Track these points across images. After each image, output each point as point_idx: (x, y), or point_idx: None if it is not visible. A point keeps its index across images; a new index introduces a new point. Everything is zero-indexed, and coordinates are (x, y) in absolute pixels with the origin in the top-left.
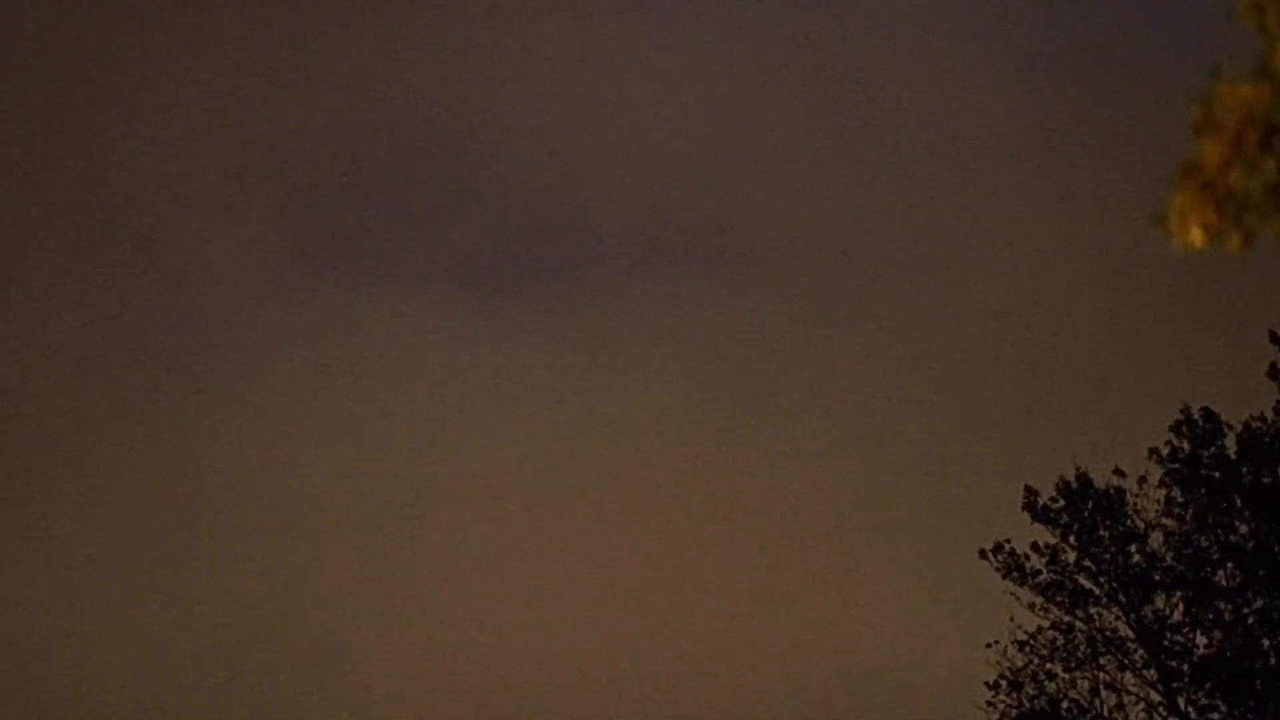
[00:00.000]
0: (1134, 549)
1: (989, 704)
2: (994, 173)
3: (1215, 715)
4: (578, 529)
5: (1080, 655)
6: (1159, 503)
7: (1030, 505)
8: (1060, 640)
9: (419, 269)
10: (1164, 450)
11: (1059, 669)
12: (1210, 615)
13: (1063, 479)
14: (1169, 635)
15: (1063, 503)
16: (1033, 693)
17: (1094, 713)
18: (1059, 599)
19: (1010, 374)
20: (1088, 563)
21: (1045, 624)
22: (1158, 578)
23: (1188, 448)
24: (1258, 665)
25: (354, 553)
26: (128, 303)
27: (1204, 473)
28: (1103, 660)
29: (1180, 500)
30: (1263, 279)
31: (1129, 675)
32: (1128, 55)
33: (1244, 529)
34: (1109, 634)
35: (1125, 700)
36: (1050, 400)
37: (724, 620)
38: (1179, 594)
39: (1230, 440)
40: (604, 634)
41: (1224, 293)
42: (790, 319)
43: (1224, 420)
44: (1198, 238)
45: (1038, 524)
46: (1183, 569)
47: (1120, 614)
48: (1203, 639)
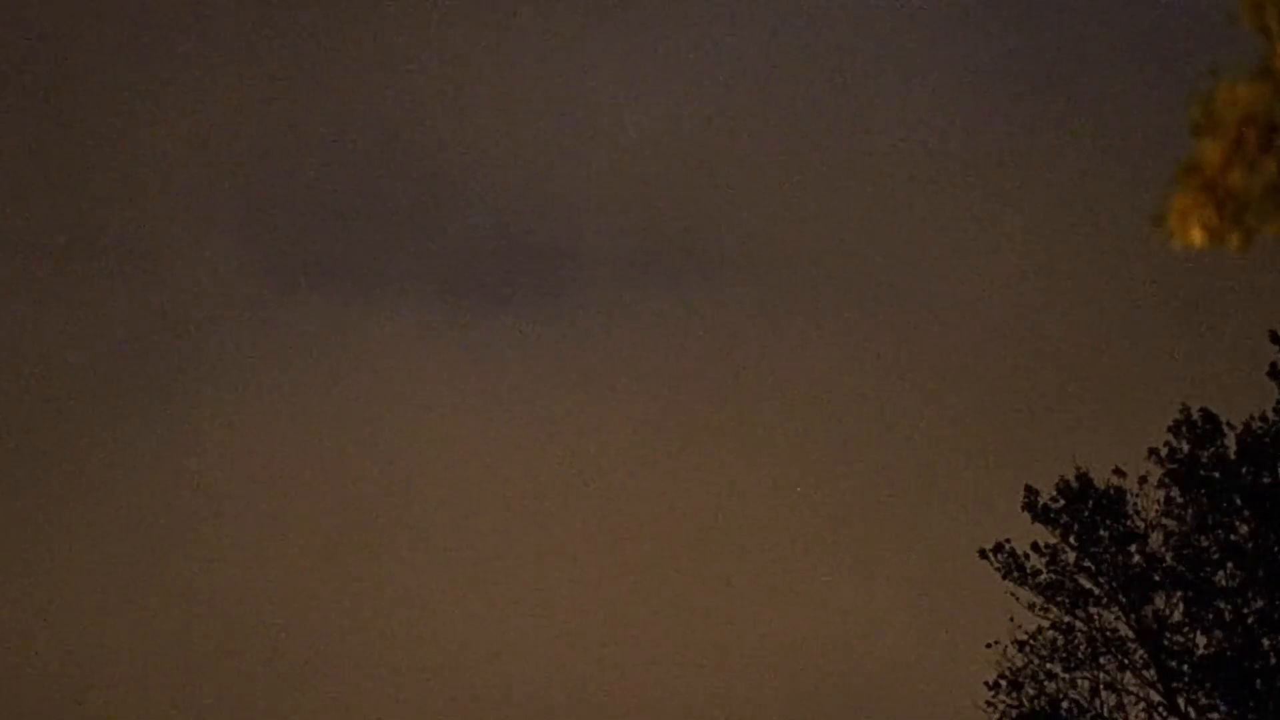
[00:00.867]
0: (1134, 549)
1: (989, 704)
2: (993, 173)
3: (1215, 715)
4: (570, 534)
5: (1080, 655)
6: (1159, 503)
7: (1030, 505)
8: (1060, 640)
9: (400, 282)
10: (1164, 450)
11: (1059, 669)
12: (1210, 615)
13: (1063, 479)
14: (1169, 635)
15: (1063, 503)
16: (1033, 693)
17: (1094, 713)
18: (1059, 599)
19: (1010, 374)
20: (1088, 563)
21: (1045, 624)
22: (1158, 578)
23: (1187, 448)
24: (1258, 665)
25: (341, 560)
26: (110, 318)
27: (1204, 473)
28: (1103, 660)
29: (1180, 500)
30: (1263, 279)
31: (1129, 675)
32: (1127, 55)
33: (1244, 529)
34: (1109, 634)
35: (1125, 700)
36: (1050, 400)
37: (723, 621)
38: (1179, 594)
39: (1230, 440)
40: (600, 637)
41: (1224, 293)
42: (784, 326)
43: (1224, 420)
44: (1198, 238)
45: (1038, 524)
46: (1183, 569)
47: (1120, 614)
48: (1203, 639)
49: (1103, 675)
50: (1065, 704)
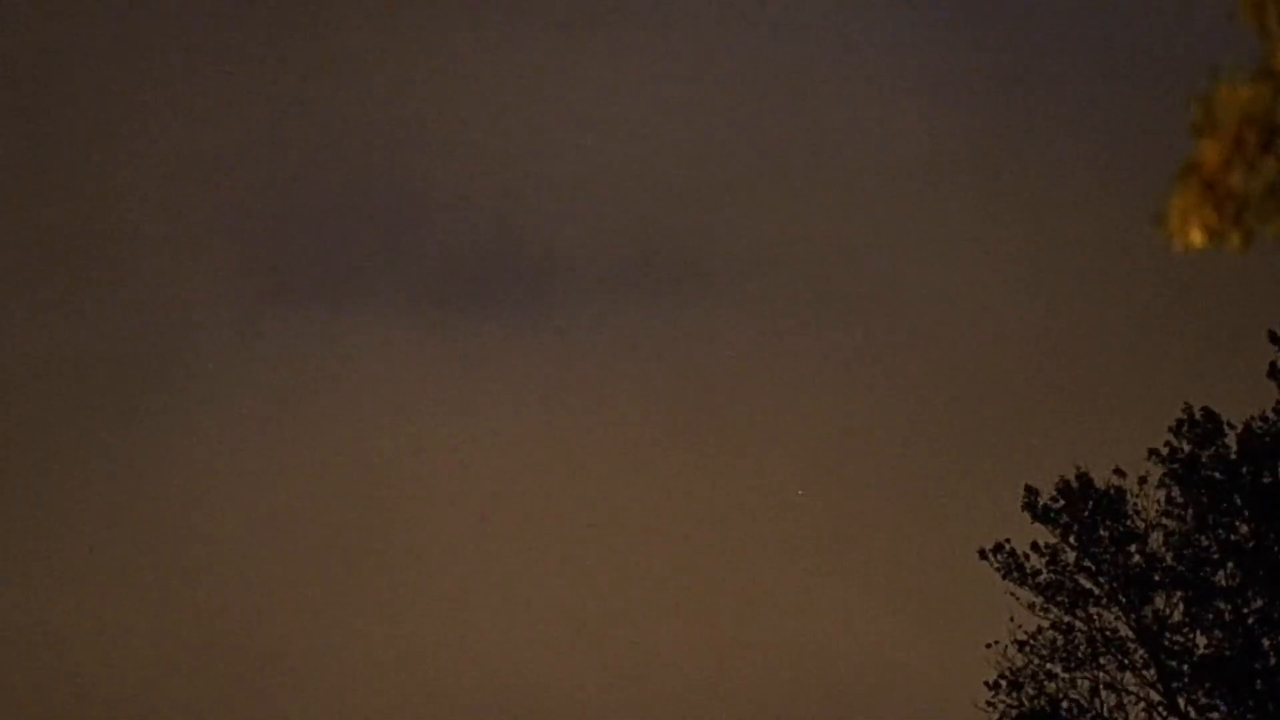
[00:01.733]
0: (1134, 549)
1: (989, 704)
2: (993, 173)
3: (1215, 715)
4: (556, 544)
5: (1080, 655)
6: (1159, 503)
7: (1030, 505)
8: (1060, 640)
9: (384, 290)
10: (1164, 450)
11: (1059, 669)
12: (1210, 615)
13: (1063, 479)
14: (1169, 635)
15: (1063, 503)
16: (1033, 693)
17: (1094, 713)
18: (1059, 599)
19: (1010, 374)
20: (1088, 563)
21: (1045, 624)
22: (1158, 578)
23: (1188, 448)
24: (1258, 665)
25: (326, 566)
26: (93, 327)
27: (1204, 473)
28: (1103, 660)
29: (1180, 500)
30: (1263, 279)
31: (1129, 675)
32: (1127, 56)
33: (1244, 529)
34: (1109, 634)
35: (1125, 700)
36: (1050, 400)
37: (722, 621)
38: (1179, 594)
39: (1230, 440)
40: (595, 642)
41: (1224, 293)
42: (779, 328)
43: (1224, 420)
44: (1198, 238)
45: (1038, 524)
46: (1183, 569)
47: (1120, 614)
48: (1203, 639)
49: (1103, 675)
50: (1065, 704)
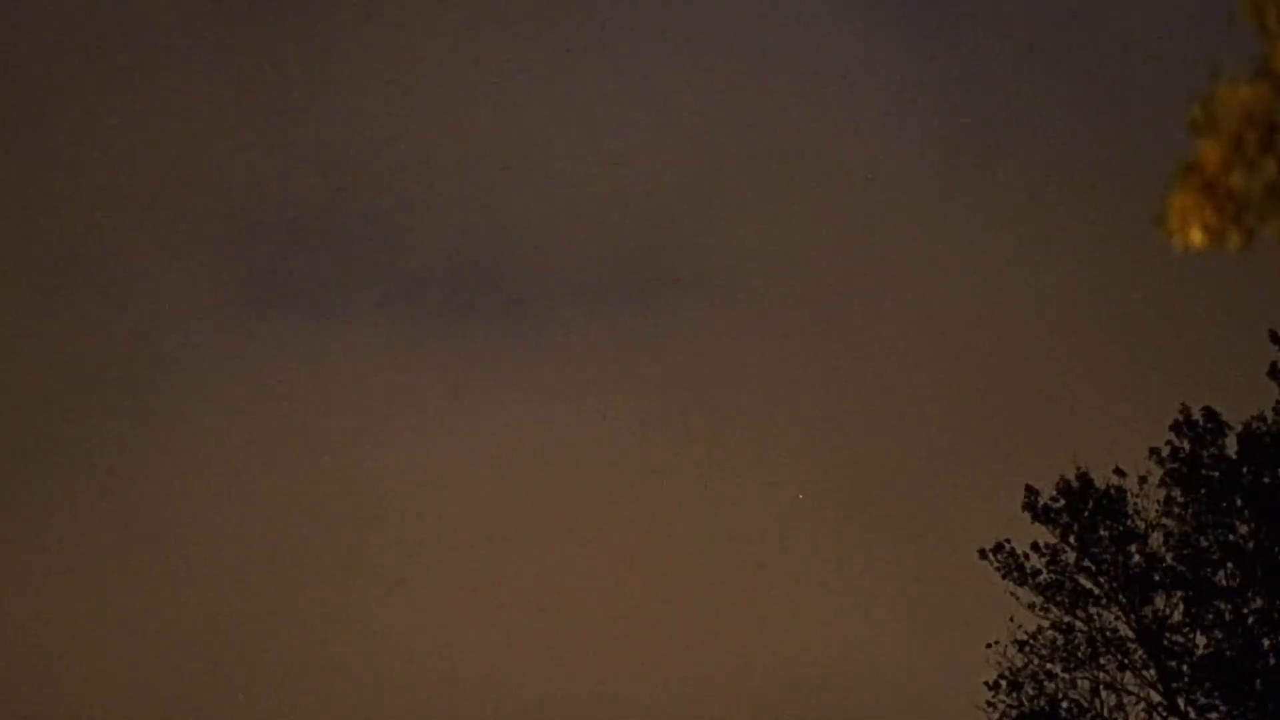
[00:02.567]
0: (1134, 549)
1: (989, 704)
2: (993, 173)
3: (1215, 715)
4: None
5: (1080, 655)
6: (1159, 503)
7: (1030, 505)
8: (1060, 640)
9: (371, 298)
10: (1164, 450)
11: (1059, 669)
12: (1210, 615)
13: (1063, 479)
14: (1169, 635)
15: (1063, 503)
16: (1033, 693)
17: (1094, 713)
18: (1059, 599)
19: (1010, 375)
20: (1088, 563)
21: (1045, 624)
22: (1158, 578)
23: (1188, 448)
24: (1258, 665)
25: (314, 575)
26: (81, 338)
27: (1204, 473)
28: (1103, 660)
29: (1180, 500)
30: (1263, 279)
31: (1129, 675)
32: (1127, 55)
33: (1244, 529)
34: (1109, 634)
35: (1125, 700)
36: (1050, 400)
37: (722, 621)
38: (1179, 594)
39: (1230, 440)
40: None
41: (1224, 293)
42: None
43: (1224, 420)
44: (1198, 238)
45: (1038, 524)
46: (1183, 569)
47: (1120, 614)
48: (1203, 639)
49: (1103, 675)
50: (1065, 704)
